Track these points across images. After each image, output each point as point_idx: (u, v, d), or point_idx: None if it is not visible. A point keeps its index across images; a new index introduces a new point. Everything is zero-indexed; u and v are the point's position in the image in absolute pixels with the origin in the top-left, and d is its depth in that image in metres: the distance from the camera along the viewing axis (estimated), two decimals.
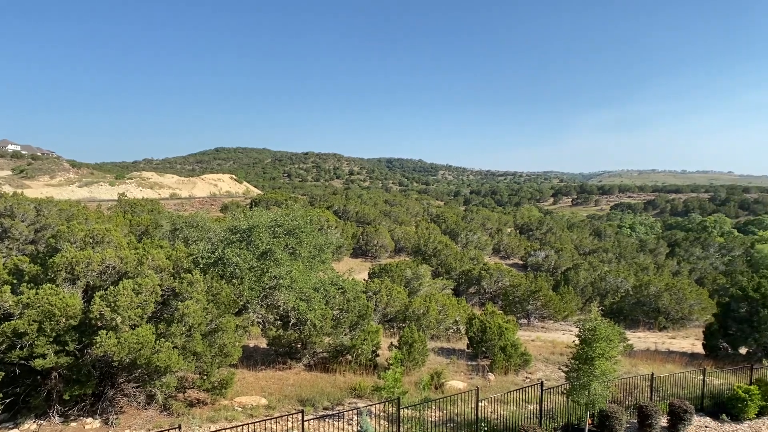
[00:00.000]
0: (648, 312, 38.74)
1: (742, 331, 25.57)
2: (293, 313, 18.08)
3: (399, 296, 26.22)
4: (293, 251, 18.76)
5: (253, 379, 16.73)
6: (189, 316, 11.60)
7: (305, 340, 18.67)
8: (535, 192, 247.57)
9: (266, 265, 17.15)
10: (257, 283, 16.98)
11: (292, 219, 18.87)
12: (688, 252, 78.93)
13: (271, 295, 18.04)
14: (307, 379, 17.35)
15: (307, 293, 17.58)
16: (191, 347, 11.96)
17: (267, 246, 17.44)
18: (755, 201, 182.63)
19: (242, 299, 16.54)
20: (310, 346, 18.85)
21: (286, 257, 17.75)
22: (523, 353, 20.90)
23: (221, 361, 13.21)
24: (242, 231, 18.09)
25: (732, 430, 15.69)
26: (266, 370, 18.09)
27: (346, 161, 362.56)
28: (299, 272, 17.63)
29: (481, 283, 42.86)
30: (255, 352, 20.50)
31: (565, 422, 14.96)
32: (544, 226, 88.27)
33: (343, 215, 71.65)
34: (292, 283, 17.33)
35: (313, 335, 18.31)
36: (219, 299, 13.51)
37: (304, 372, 18.43)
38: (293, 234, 18.69)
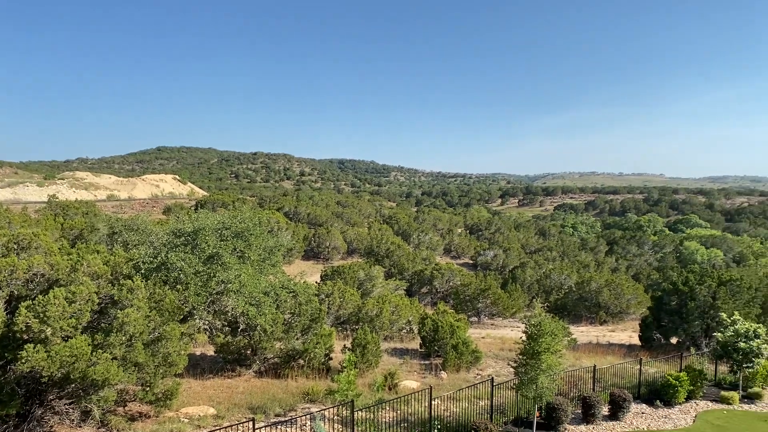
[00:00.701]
0: (590, 307, 40.60)
1: (673, 322, 27.28)
2: (242, 319, 17.56)
3: (352, 298, 26.09)
4: (242, 254, 18.23)
5: (200, 389, 16.11)
6: (129, 324, 10.99)
7: (255, 346, 18.19)
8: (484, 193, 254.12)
9: (213, 270, 16.57)
10: (204, 288, 16.37)
11: (240, 221, 18.33)
12: (625, 249, 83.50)
13: (219, 301, 17.44)
14: (258, 386, 16.91)
15: (256, 298, 17.12)
16: (132, 358, 11.33)
17: (214, 249, 16.85)
18: (683, 201, 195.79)
19: (188, 305, 15.87)
20: (261, 352, 18.38)
21: (235, 261, 17.22)
22: (474, 351, 21.32)
23: (165, 371, 12.60)
24: (187, 234, 17.38)
25: (665, 414, 16.67)
26: (214, 379, 17.48)
27: (297, 162, 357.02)
28: (248, 276, 17.15)
29: (433, 283, 43.46)
30: (202, 360, 19.77)
31: (515, 416, 15.38)
32: (492, 227, 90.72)
33: (294, 217, 70.65)
34: (240, 288, 16.83)
35: (264, 341, 17.87)
36: (162, 306, 12.90)
37: (254, 379, 17.95)
38: (242, 237, 18.17)
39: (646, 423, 15.92)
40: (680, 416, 16.64)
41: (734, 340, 18.62)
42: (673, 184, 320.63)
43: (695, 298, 26.21)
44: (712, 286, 26.29)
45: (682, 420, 16.32)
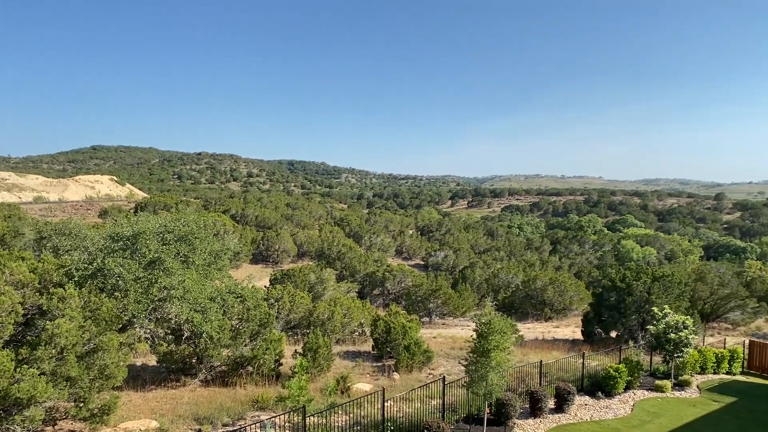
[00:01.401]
0: (536, 304, 42.01)
1: (612, 317, 28.67)
2: (187, 326, 16.83)
3: (303, 302, 25.66)
4: (186, 259, 17.48)
5: (141, 401, 15.27)
6: (60, 336, 10.21)
7: (201, 354, 17.48)
8: (434, 195, 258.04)
9: (155, 275, 15.77)
10: (144, 295, 15.54)
11: (183, 224, 17.56)
12: (567, 249, 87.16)
13: (161, 308, 16.61)
14: (204, 395, 16.24)
15: (202, 304, 16.45)
16: (64, 372, 10.53)
17: (155, 254, 16.05)
18: (620, 203, 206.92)
19: (127, 314, 15.01)
20: (207, 360, 17.69)
21: (178, 266, 16.48)
22: (426, 350, 21.48)
23: (102, 384, 11.83)
24: (126, 238, 16.45)
25: (606, 405, 17.46)
26: (157, 390, 16.63)
27: (244, 163, 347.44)
28: (193, 281, 16.45)
29: (385, 285, 43.55)
30: (143, 370, 18.79)
31: (467, 413, 15.59)
32: (443, 228, 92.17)
33: (242, 219, 68.83)
34: (185, 294, 16.11)
35: (210, 348, 17.20)
36: (99, 315, 12.11)
37: (200, 388, 17.24)
38: (185, 240, 17.41)
39: (589, 414, 16.58)
40: (620, 405, 17.46)
41: (666, 332, 19.78)
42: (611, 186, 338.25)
43: (632, 293, 27.66)
44: (647, 282, 27.84)
45: (622, 409, 17.13)
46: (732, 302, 35.84)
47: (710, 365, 22.06)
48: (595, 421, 16.06)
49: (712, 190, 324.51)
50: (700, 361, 21.67)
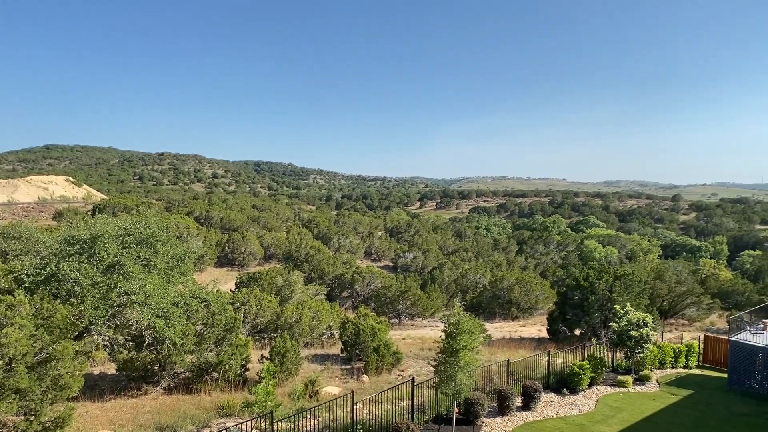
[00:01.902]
0: (503, 304, 42.67)
1: (576, 315, 29.39)
2: (148, 332, 16.24)
3: (269, 305, 25.21)
4: (147, 263, 16.92)
5: (99, 412, 14.63)
6: (8, 346, 9.64)
7: (164, 361, 16.90)
8: (403, 196, 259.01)
9: (114, 280, 15.17)
10: (103, 300, 14.93)
11: (144, 227, 17.00)
12: (533, 249, 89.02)
13: (121, 314, 16.01)
14: (167, 403, 15.71)
15: (164, 309, 15.92)
16: (12, 384, 9.94)
17: (115, 258, 15.45)
18: (583, 204, 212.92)
19: (83, 320, 14.38)
20: (170, 367, 17.12)
21: (139, 270, 15.92)
22: (395, 352, 21.45)
23: (56, 395, 11.24)
24: (83, 242, 15.78)
25: (571, 401, 17.84)
26: (116, 399, 15.98)
27: (209, 163, 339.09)
28: (155, 286, 15.92)
29: (354, 287, 43.34)
30: (101, 380, 18.03)
31: (436, 414, 15.62)
32: (412, 229, 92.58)
33: (206, 222, 67.29)
34: (146, 299, 15.57)
35: (173, 354, 16.65)
36: (52, 323, 11.53)
37: (163, 396, 16.67)
38: (147, 244, 16.86)
39: (555, 410, 16.89)
40: (584, 402, 17.87)
41: (627, 329, 20.39)
42: (575, 187, 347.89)
43: (595, 292, 28.43)
44: (608, 281, 28.67)
45: (586, 405, 17.53)
46: (688, 299, 37.33)
47: (669, 360, 22.89)
48: (561, 417, 16.37)
49: (669, 191, 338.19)
50: (660, 357, 22.45)
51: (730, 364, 20.78)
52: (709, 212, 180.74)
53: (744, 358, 20.22)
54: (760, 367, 19.84)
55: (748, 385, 20.08)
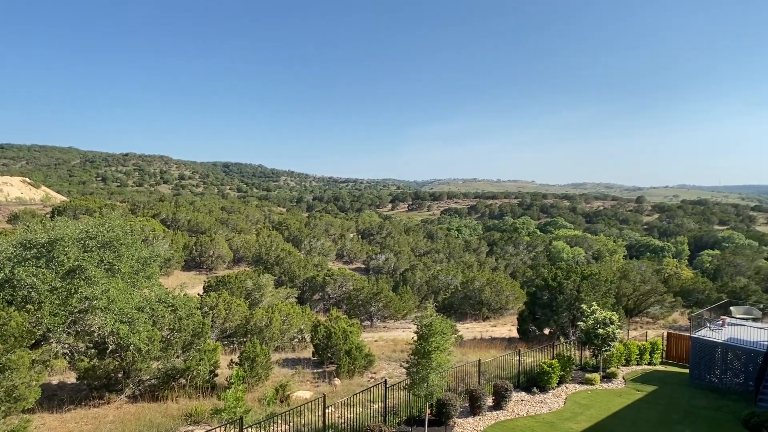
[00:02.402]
0: (474, 305, 43.08)
1: (545, 315, 29.90)
2: (112, 339, 15.66)
3: (239, 309, 24.73)
4: (111, 267, 16.32)
5: (58, 423, 14.01)
6: None
7: (128, 368, 16.35)
8: (375, 198, 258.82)
9: (74, 285, 14.55)
10: (62, 307, 14.30)
11: (108, 229, 16.39)
12: (503, 250, 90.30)
13: (83, 320, 15.36)
14: (132, 412, 15.19)
15: (129, 314, 15.38)
16: None
17: (75, 262, 14.83)
18: (551, 205, 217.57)
19: (41, 328, 13.74)
20: (135, 374, 16.57)
21: (102, 274, 15.33)
22: (368, 354, 21.35)
23: (10, 407, 10.69)
24: (40, 245, 15.09)
25: (540, 400, 18.12)
26: (77, 410, 15.34)
27: (176, 164, 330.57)
28: (119, 291, 15.36)
29: (326, 289, 42.99)
30: (61, 389, 17.30)
31: (408, 416, 15.60)
32: (384, 231, 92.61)
33: (173, 224, 65.67)
34: (109, 304, 15.00)
35: (138, 361, 16.12)
36: (6, 331, 10.96)
37: (127, 404, 16.11)
38: (110, 247, 16.26)
39: (526, 409, 17.11)
40: (553, 400, 18.16)
41: (594, 328, 20.85)
42: (543, 189, 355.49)
43: (563, 292, 29.00)
44: (576, 281, 29.30)
45: (555, 403, 17.83)
46: (652, 298, 38.50)
47: (634, 357, 23.53)
48: (531, 416, 16.59)
49: (633, 193, 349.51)
50: (625, 354, 23.05)
51: (692, 359, 21.52)
52: (671, 213, 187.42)
53: (704, 353, 20.97)
54: (719, 362, 20.61)
55: (708, 379, 20.83)
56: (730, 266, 64.01)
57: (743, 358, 20.00)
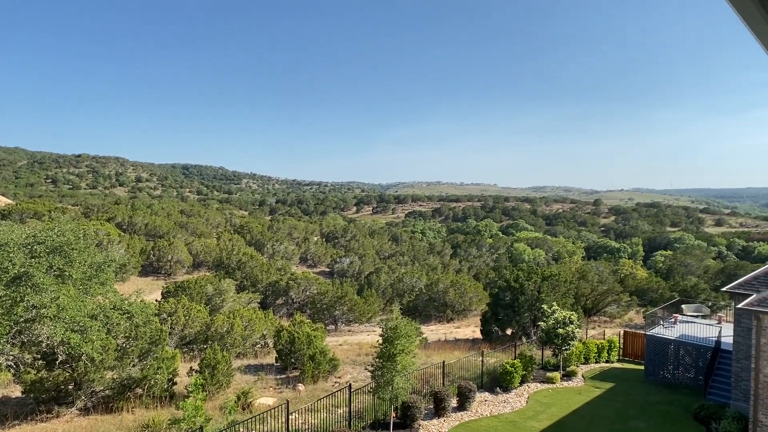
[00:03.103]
0: (438, 306, 43.46)
1: (507, 315, 30.45)
2: (62, 349, 14.84)
3: (199, 315, 24.03)
4: (61, 273, 15.49)
5: None
6: None
7: (80, 379, 15.57)
8: (339, 201, 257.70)
9: (20, 293, 13.73)
10: (6, 316, 13.46)
11: (58, 234, 15.57)
12: (467, 252, 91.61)
13: (29, 330, 14.50)
14: (83, 425, 14.46)
15: (81, 323, 14.63)
16: None
17: (21, 269, 13.99)
18: (513, 208, 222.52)
19: None
20: (87, 385, 15.79)
21: (51, 281, 14.52)
22: (332, 359, 21.14)
23: None
24: None
25: (504, 399, 18.40)
26: (22, 425, 14.48)
27: (132, 166, 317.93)
28: (69, 298, 14.59)
29: (289, 294, 42.40)
30: (4, 404, 16.31)
31: (373, 419, 15.50)
32: (348, 234, 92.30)
33: (130, 228, 63.37)
34: (59, 312, 14.22)
35: (91, 371, 15.38)
36: None
37: (79, 418, 15.33)
38: (60, 252, 15.44)
39: (489, 409, 17.32)
40: (516, 399, 18.47)
41: (555, 328, 21.37)
42: (505, 193, 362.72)
43: (524, 292, 29.61)
44: (537, 282, 29.98)
45: (518, 402, 18.13)
46: (609, 297, 39.87)
47: (593, 355, 24.25)
48: (495, 416, 16.81)
49: (591, 196, 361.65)
50: (584, 353, 23.73)
51: (647, 356, 22.36)
52: (627, 216, 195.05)
53: (658, 350, 21.83)
54: (672, 358, 21.50)
55: (662, 375, 21.69)
56: (682, 266, 67.19)
57: (694, 354, 20.93)
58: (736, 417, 15.22)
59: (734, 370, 17.17)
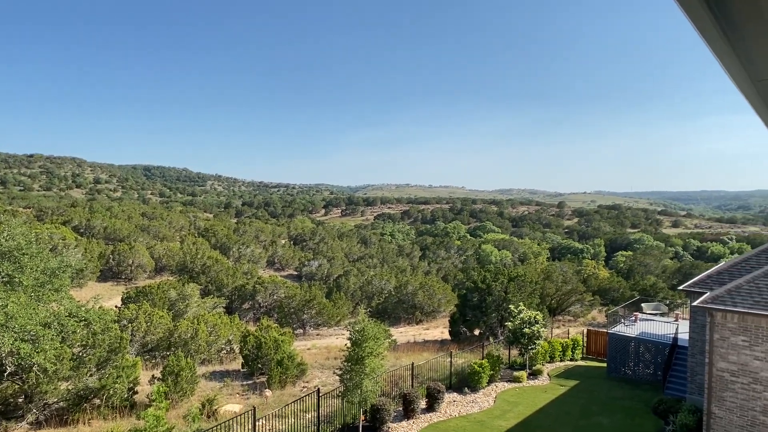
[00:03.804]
0: (407, 308, 43.56)
1: (475, 316, 30.79)
2: (11, 359, 14.09)
3: (162, 321, 23.28)
4: (10, 279, 14.74)
5: None
6: None
7: (31, 391, 14.80)
8: (307, 204, 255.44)
9: None
10: None
11: (7, 238, 14.80)
12: (435, 254, 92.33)
13: None
14: None
15: (32, 331, 13.91)
16: None
17: None
18: (480, 210, 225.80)
19: None
20: (39, 398, 15.01)
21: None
22: (300, 363, 20.84)
23: None
24: None
25: (472, 399, 18.54)
26: None
27: (90, 167, 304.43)
28: (19, 306, 13.86)
29: (256, 298, 41.65)
30: None
31: (342, 423, 15.34)
32: (317, 237, 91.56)
33: (87, 232, 61.02)
34: (7, 321, 13.48)
35: (44, 383, 14.63)
36: None
37: None
38: (9, 257, 14.68)
39: (458, 410, 17.41)
40: (484, 399, 18.64)
41: (521, 327, 21.70)
42: (473, 195, 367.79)
43: (492, 293, 30.00)
44: (504, 283, 30.43)
45: (485, 402, 18.30)
46: (573, 297, 40.86)
47: (558, 354, 24.75)
48: (463, 416, 16.90)
49: (555, 198, 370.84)
50: (550, 351, 24.20)
51: (609, 354, 22.97)
52: (589, 218, 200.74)
53: (620, 347, 22.47)
54: (633, 354, 22.16)
55: (624, 371, 22.33)
56: (641, 266, 69.60)
57: (653, 351, 21.64)
58: (692, 410, 15.79)
59: (690, 365, 17.83)
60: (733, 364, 13.41)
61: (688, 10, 1.86)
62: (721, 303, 13.71)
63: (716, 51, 2.22)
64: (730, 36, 2.12)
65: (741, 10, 1.93)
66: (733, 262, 18.18)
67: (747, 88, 2.79)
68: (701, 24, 1.95)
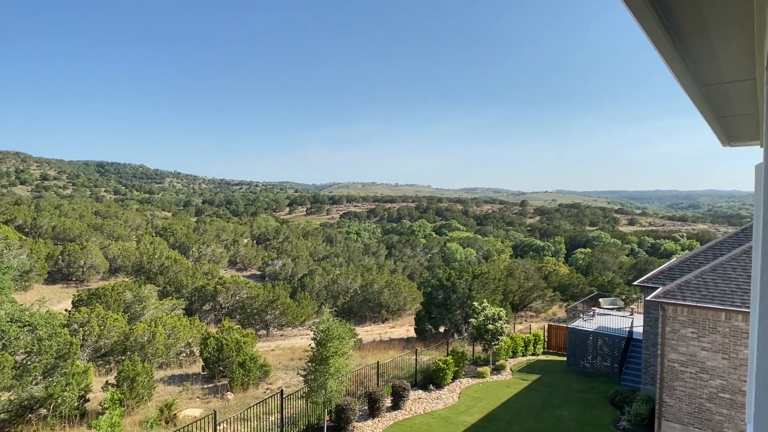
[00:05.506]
0: (373, 307, 43.47)
1: (440, 313, 31.01)
2: None
3: (116, 325, 22.29)
4: None
5: None
6: None
7: None
8: (271, 202, 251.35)
9: None
10: None
11: None
12: (401, 252, 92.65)
13: None
14: None
15: None
16: None
17: None
18: (446, 209, 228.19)
19: None
20: None
21: None
22: (263, 365, 20.40)
23: None
24: None
25: (437, 396, 18.63)
26: None
27: (37, 163, 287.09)
28: None
29: (217, 299, 40.59)
30: None
31: (306, 424, 15.09)
32: (281, 236, 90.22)
33: (33, 231, 58.03)
34: None
35: None
36: None
37: None
38: None
39: (423, 407, 17.43)
40: (449, 395, 18.75)
41: (485, 324, 21.97)
42: (438, 194, 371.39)
43: (456, 291, 30.27)
44: (468, 280, 30.76)
45: (450, 398, 18.41)
46: (535, 293, 41.75)
47: (520, 349, 25.21)
48: (428, 413, 16.93)
49: (518, 197, 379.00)
50: (512, 347, 24.61)
51: (569, 348, 23.56)
52: (550, 216, 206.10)
53: (579, 341, 23.07)
54: (591, 348, 22.80)
55: (582, 365, 22.95)
56: (599, 262, 71.89)
57: (610, 344, 22.33)
58: (645, 399, 16.37)
59: (644, 357, 18.49)
60: (682, 355, 13.95)
61: (640, 20, 1.98)
62: (672, 297, 14.23)
63: (665, 56, 2.37)
64: (678, 43, 2.29)
65: (688, 20, 2.12)
66: (683, 258, 18.96)
67: (693, 92, 2.88)
68: (651, 31, 2.10)
